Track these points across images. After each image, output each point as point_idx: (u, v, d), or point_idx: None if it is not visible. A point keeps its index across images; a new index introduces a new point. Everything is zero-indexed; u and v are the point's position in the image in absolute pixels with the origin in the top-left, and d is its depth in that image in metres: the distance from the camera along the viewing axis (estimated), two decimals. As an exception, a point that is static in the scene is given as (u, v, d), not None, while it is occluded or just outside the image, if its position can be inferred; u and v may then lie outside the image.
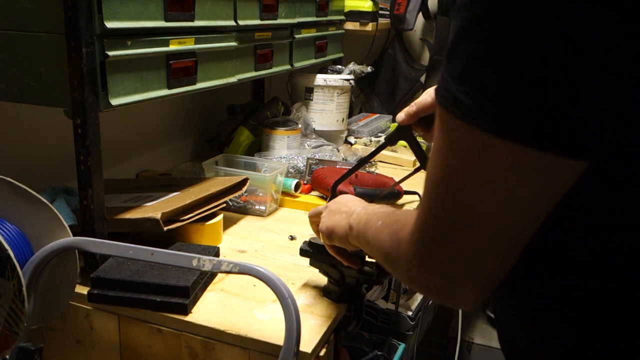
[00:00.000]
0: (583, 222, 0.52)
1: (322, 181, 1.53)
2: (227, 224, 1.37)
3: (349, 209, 0.88)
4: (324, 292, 1.08)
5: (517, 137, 0.46)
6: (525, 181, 0.48)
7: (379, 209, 0.78)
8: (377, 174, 1.61)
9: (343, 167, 1.62)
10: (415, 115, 1.04)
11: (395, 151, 1.97)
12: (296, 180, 1.55)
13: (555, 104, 0.45)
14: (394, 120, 2.26)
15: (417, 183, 1.61)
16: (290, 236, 1.35)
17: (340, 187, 1.48)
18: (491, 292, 0.57)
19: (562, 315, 0.56)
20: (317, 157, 1.66)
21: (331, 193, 1.00)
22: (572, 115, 0.45)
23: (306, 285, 1.12)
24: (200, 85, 1.21)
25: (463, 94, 0.47)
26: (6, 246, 0.86)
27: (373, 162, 1.83)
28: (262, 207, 1.46)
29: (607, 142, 0.47)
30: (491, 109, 0.47)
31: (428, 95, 1.03)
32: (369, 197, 1.43)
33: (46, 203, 0.94)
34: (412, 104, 1.03)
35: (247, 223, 1.42)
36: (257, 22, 1.39)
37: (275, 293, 0.83)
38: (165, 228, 1.08)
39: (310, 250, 1.05)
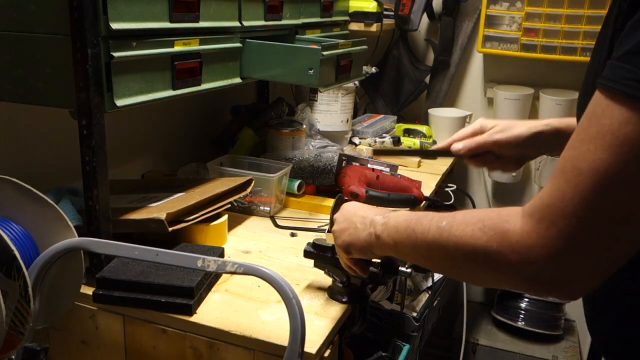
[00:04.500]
0: None
1: (341, 179, 1.54)
2: (232, 224, 1.38)
3: (363, 218, 0.87)
4: (328, 292, 1.08)
5: None
6: None
7: (412, 214, 0.77)
8: (400, 176, 1.61)
9: (375, 166, 1.61)
10: (474, 150, 1.06)
11: (399, 152, 1.97)
12: (299, 181, 1.55)
13: None
14: (398, 121, 2.26)
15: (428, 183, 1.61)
16: (291, 233, 1.36)
17: (353, 187, 1.48)
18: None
19: None
20: (348, 154, 1.66)
21: (333, 205, 0.98)
22: None
23: (310, 286, 1.12)
24: (205, 86, 1.21)
25: None
26: (12, 247, 0.86)
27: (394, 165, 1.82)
28: (267, 208, 1.46)
29: None
30: None
31: (488, 135, 1.05)
32: (379, 201, 1.43)
33: (52, 204, 0.95)
34: (473, 139, 1.06)
35: (251, 224, 1.43)
36: (262, 22, 1.39)
37: (280, 294, 0.83)
38: (170, 229, 1.09)
39: (315, 252, 1.05)
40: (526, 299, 2.27)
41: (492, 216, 0.64)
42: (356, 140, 2.01)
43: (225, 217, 1.29)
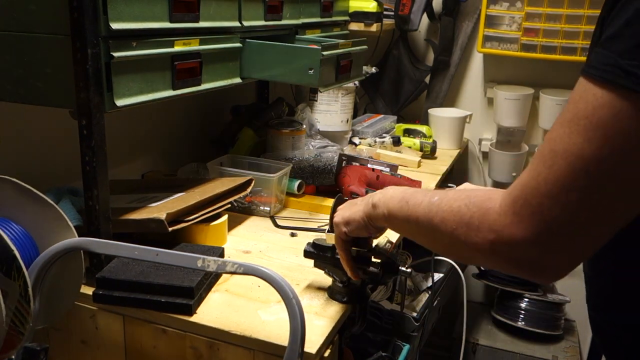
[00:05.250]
0: None
1: (341, 179, 1.54)
2: (232, 224, 1.38)
3: (362, 199, 0.90)
4: (328, 292, 1.08)
5: None
6: None
7: (408, 188, 0.79)
8: (400, 176, 1.61)
9: (375, 166, 1.62)
10: None
11: (399, 152, 1.97)
12: (299, 181, 1.55)
13: None
14: (398, 121, 2.26)
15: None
16: (291, 233, 1.37)
17: (353, 187, 1.48)
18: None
19: None
20: (349, 154, 1.66)
21: (333, 205, 0.99)
22: None
23: (310, 286, 1.12)
24: (205, 86, 1.21)
25: (637, 68, 0.52)
26: (12, 247, 0.86)
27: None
28: (267, 208, 1.46)
29: None
30: None
31: None
32: None
33: (52, 204, 0.95)
34: None
35: (251, 224, 1.43)
36: (262, 22, 1.39)
37: (280, 294, 0.83)
38: (170, 229, 1.09)
39: (315, 252, 1.05)
40: (526, 299, 2.27)
41: (478, 194, 0.65)
42: (356, 140, 2.01)
43: (225, 217, 1.29)
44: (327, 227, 1.06)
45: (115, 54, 0.96)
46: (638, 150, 0.53)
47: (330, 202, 1.49)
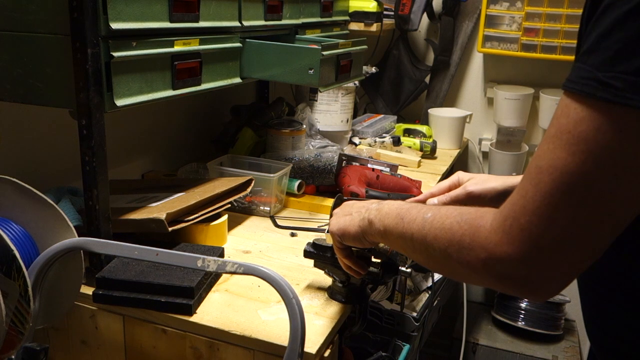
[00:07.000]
0: None
1: (341, 179, 1.54)
2: (232, 224, 1.38)
3: (358, 209, 0.89)
4: (328, 292, 1.08)
5: None
6: None
7: (404, 204, 0.78)
8: (400, 176, 1.61)
9: (375, 166, 1.62)
10: (449, 204, 1.03)
11: (399, 152, 1.97)
12: (299, 181, 1.55)
13: None
14: (398, 121, 2.26)
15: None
16: (291, 233, 1.37)
17: (353, 187, 1.48)
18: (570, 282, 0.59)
19: None
20: (349, 154, 1.66)
21: (333, 205, 0.99)
22: None
23: (310, 285, 1.12)
24: (205, 85, 1.21)
25: (613, 79, 0.52)
26: (12, 247, 0.86)
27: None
28: (267, 208, 1.46)
29: None
30: None
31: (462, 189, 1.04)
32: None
33: (51, 203, 0.95)
34: (447, 194, 1.05)
35: (251, 224, 1.43)
36: (262, 22, 1.39)
37: (280, 294, 0.83)
38: (170, 228, 1.09)
39: (315, 252, 1.05)
40: (526, 299, 2.27)
41: (470, 211, 0.65)
42: (356, 140, 2.01)
43: (225, 217, 1.29)
44: (327, 227, 1.06)
45: (115, 54, 0.96)
46: (622, 161, 0.52)
47: (330, 202, 1.49)
